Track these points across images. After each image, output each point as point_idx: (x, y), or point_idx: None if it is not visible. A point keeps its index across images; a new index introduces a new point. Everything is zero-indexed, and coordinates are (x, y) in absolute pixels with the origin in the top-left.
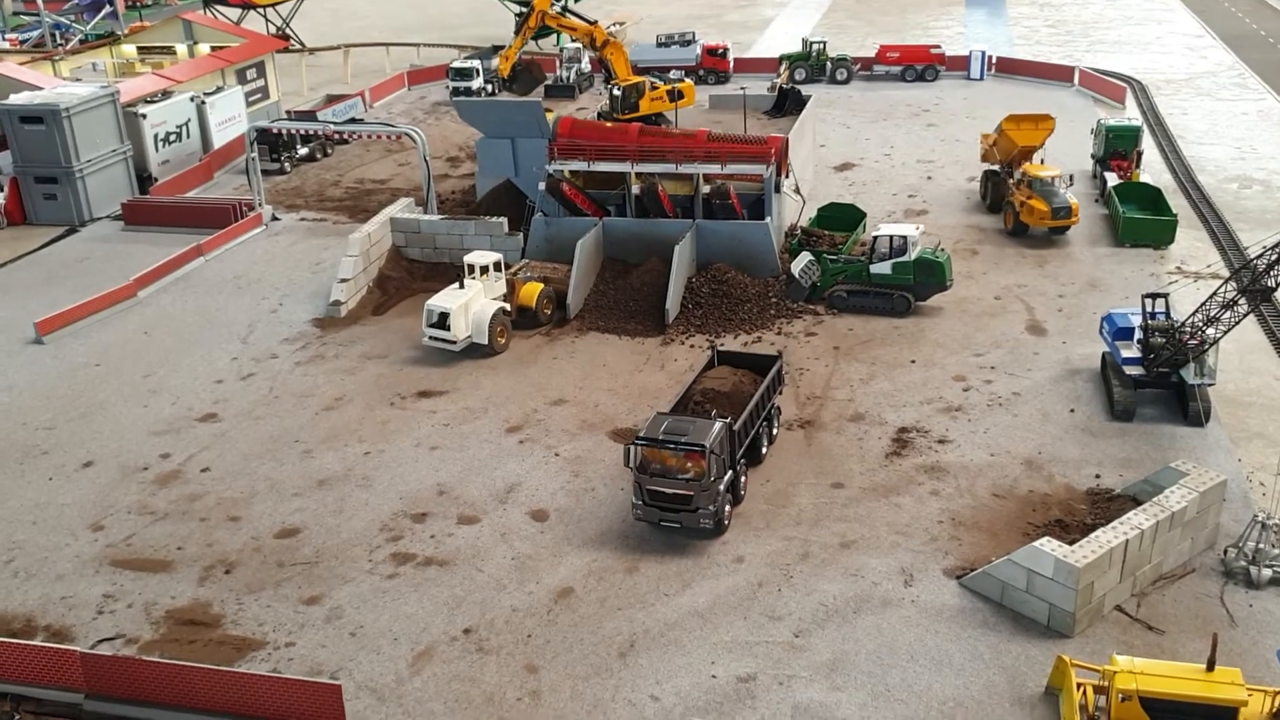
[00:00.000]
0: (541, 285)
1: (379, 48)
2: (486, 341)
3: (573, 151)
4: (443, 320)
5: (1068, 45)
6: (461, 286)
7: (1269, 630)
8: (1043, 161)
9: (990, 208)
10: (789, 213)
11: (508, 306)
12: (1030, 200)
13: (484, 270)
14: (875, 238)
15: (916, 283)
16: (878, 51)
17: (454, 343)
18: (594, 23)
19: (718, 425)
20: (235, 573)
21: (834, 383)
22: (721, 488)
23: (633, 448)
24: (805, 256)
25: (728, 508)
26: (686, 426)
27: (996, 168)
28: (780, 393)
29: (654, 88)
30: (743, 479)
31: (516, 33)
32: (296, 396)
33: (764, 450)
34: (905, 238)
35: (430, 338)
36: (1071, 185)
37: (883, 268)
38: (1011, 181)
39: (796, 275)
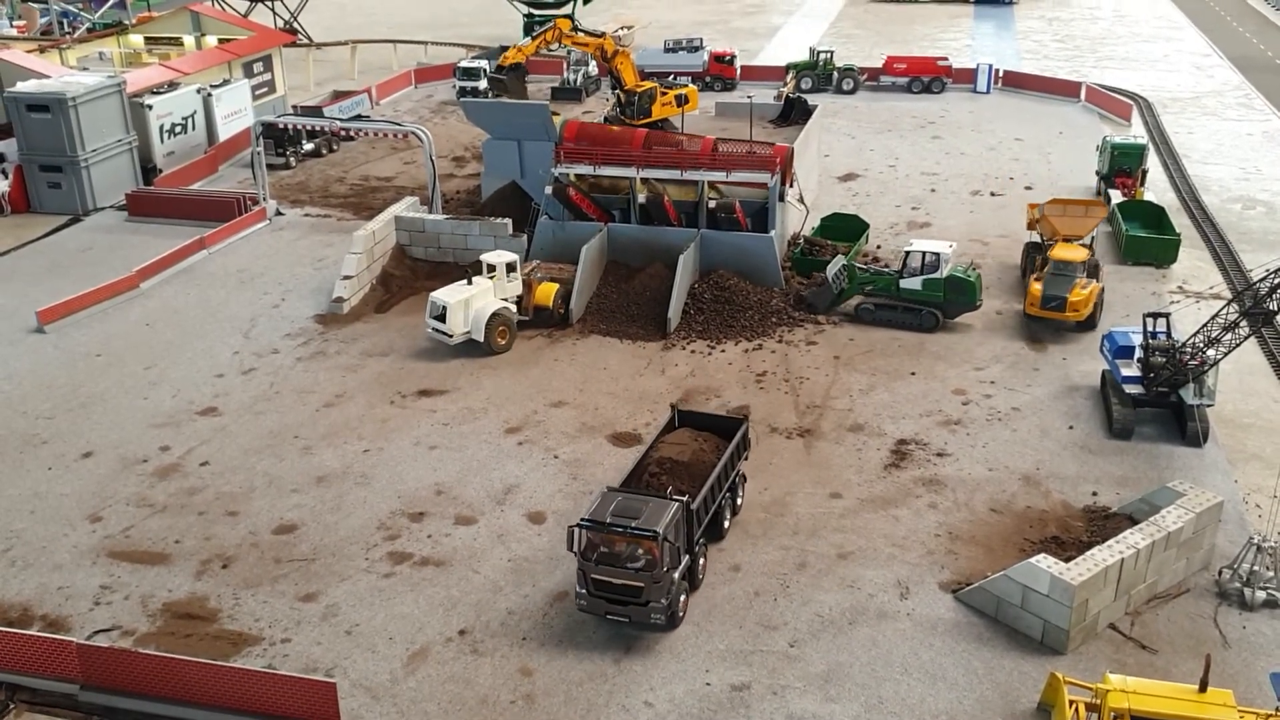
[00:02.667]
0: (557, 286)
1: (386, 44)
2: (483, 339)
3: (579, 155)
4: (444, 313)
5: (1075, 60)
6: (469, 283)
7: (1262, 652)
8: (1093, 242)
9: None
10: (792, 222)
11: (513, 307)
12: (1034, 283)
13: (499, 270)
14: (908, 252)
15: (946, 300)
16: (885, 62)
17: (450, 336)
18: (602, 34)
19: (673, 507)
20: (232, 567)
21: (834, 392)
22: (677, 576)
23: (576, 530)
24: (839, 260)
25: (683, 597)
26: (639, 507)
27: (1039, 239)
28: (746, 458)
29: (663, 93)
30: (701, 561)
31: (531, 36)
32: (297, 392)
33: (726, 525)
34: (938, 254)
35: (432, 329)
36: (1098, 276)
37: (913, 283)
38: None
39: (830, 278)
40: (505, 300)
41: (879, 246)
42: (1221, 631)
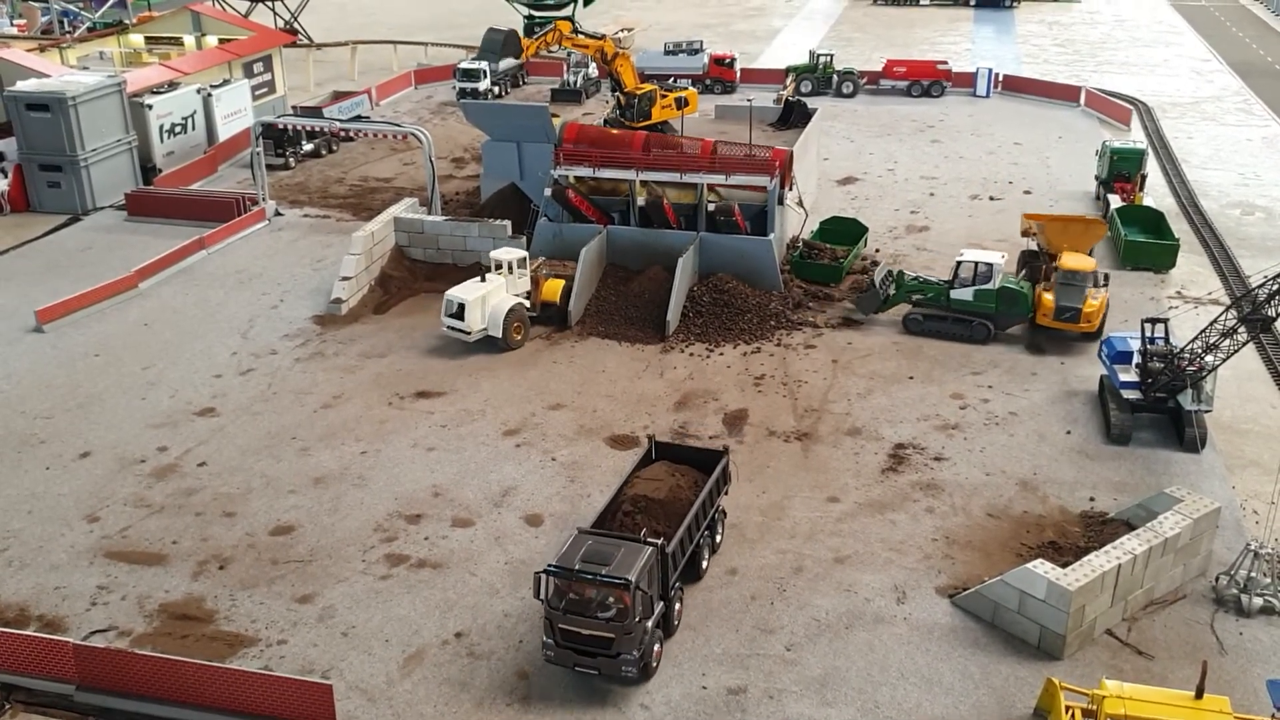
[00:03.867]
0: (564, 282)
1: (386, 45)
2: (500, 335)
3: (578, 157)
4: (460, 311)
5: (1075, 65)
6: (483, 280)
7: (1258, 659)
8: (1091, 253)
9: None
10: (791, 225)
11: (527, 302)
12: (1045, 294)
13: (509, 266)
14: (959, 263)
15: (998, 312)
16: (884, 66)
17: (468, 333)
18: (602, 37)
19: (646, 552)
20: (229, 568)
21: (832, 396)
22: (650, 625)
23: (544, 577)
24: (884, 268)
25: (656, 647)
26: (610, 552)
27: (1036, 247)
28: (726, 492)
29: (662, 96)
30: (677, 607)
31: (532, 36)
32: (295, 393)
33: (704, 565)
34: (990, 265)
35: (448, 327)
36: (1105, 285)
37: (964, 294)
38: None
39: (876, 284)
40: (518, 296)
41: (877, 250)
42: (1218, 638)
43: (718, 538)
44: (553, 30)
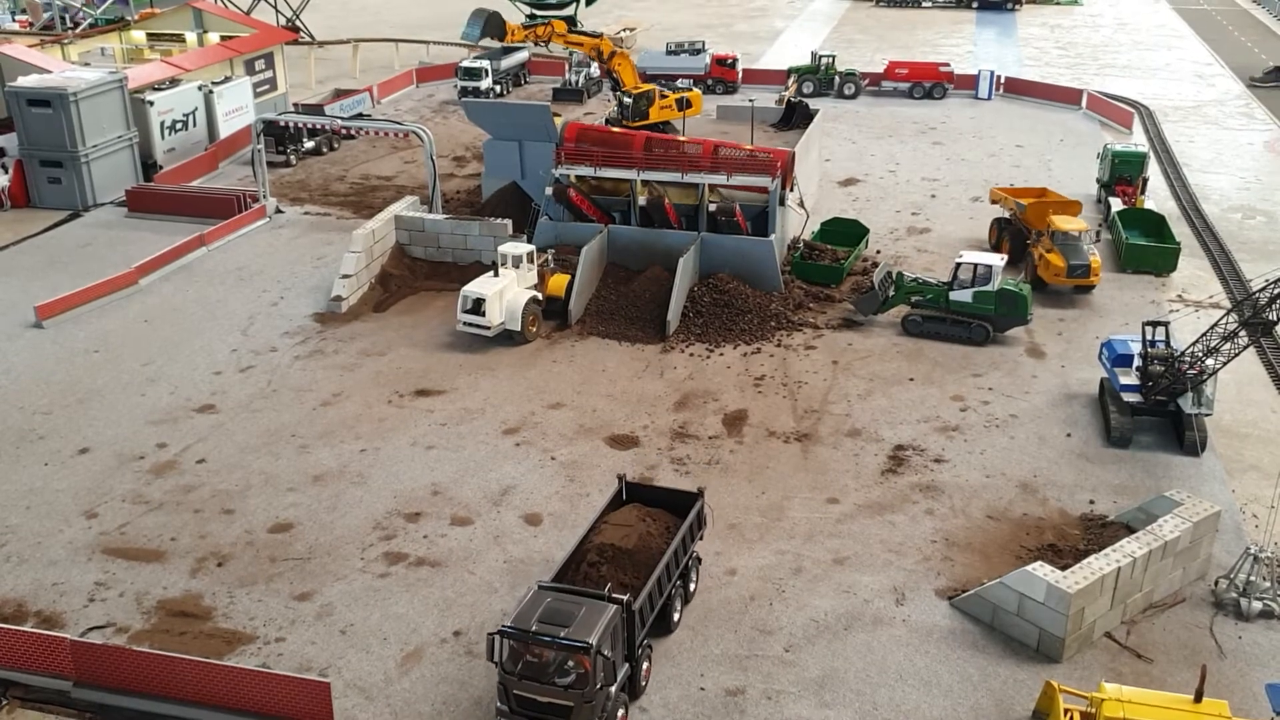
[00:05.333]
0: (569, 276)
1: (388, 44)
2: (519, 328)
3: (580, 157)
4: (477, 306)
5: (1077, 68)
6: (495, 275)
7: (1257, 662)
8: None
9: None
10: (792, 226)
11: (540, 296)
12: (1049, 254)
13: (518, 260)
14: (958, 264)
15: (997, 314)
16: (886, 68)
17: (488, 328)
18: (599, 35)
19: (610, 611)
20: (227, 566)
21: (832, 397)
22: (613, 691)
23: (497, 639)
24: (884, 268)
25: (621, 712)
26: (571, 611)
27: (1009, 215)
28: (702, 537)
29: (663, 96)
30: (645, 666)
31: (527, 26)
32: (294, 391)
33: (676, 617)
34: (990, 267)
35: (464, 323)
36: (1098, 241)
37: (963, 295)
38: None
39: (876, 285)
40: (530, 290)
41: (878, 251)
42: (1217, 641)
43: (691, 586)
44: (546, 25)
